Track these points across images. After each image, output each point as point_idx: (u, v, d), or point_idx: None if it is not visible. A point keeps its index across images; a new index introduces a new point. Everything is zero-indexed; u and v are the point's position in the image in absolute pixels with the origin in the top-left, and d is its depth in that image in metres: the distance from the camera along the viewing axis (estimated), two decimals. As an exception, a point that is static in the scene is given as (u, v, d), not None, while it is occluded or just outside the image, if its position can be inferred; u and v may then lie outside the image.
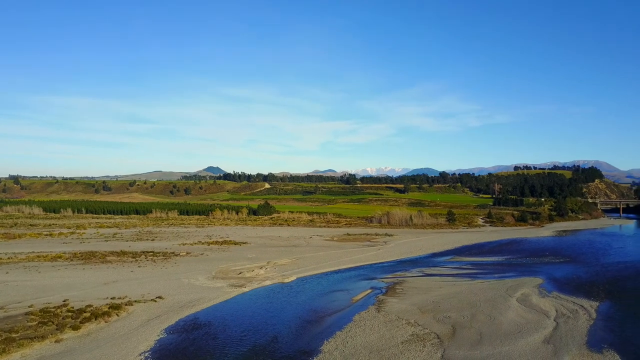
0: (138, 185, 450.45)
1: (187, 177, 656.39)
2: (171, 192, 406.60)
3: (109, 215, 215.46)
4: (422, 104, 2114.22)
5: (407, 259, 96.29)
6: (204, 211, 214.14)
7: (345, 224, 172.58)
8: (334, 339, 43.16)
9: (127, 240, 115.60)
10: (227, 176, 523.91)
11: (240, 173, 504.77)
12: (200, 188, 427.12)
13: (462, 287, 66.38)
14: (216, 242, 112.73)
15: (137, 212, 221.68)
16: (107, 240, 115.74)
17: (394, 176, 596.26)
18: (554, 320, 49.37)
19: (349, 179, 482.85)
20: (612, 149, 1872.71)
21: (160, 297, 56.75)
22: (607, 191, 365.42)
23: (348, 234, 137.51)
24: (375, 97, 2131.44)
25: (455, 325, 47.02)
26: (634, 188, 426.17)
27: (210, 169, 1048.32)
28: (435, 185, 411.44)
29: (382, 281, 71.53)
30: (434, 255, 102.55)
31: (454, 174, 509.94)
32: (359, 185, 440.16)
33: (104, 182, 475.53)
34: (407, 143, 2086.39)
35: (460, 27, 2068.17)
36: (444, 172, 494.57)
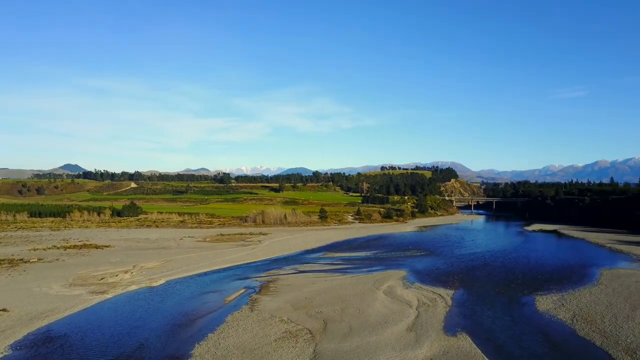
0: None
1: (40, 175, 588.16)
2: (20, 192, 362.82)
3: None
4: (297, 104, 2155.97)
5: (282, 256, 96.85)
6: (60, 213, 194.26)
7: (219, 224, 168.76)
8: (205, 341, 41.62)
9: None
10: (87, 175, 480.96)
11: (102, 171, 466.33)
12: (56, 187, 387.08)
13: (334, 282, 68.41)
14: (75, 246, 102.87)
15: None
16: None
17: (270, 175, 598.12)
18: (416, 309, 52.97)
19: (223, 178, 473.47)
20: (465, 152, 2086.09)
21: (4, 310, 49.96)
22: (461, 190, 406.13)
23: (221, 234, 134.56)
24: (251, 95, 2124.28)
25: (327, 319, 48.14)
26: (482, 187, 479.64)
27: (67, 166, 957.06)
28: (308, 184, 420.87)
29: (256, 280, 70.96)
30: (307, 252, 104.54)
31: (326, 173, 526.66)
32: (233, 184, 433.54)
33: None
34: (283, 143, 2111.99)
35: (332, 30, 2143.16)
36: (317, 171, 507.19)
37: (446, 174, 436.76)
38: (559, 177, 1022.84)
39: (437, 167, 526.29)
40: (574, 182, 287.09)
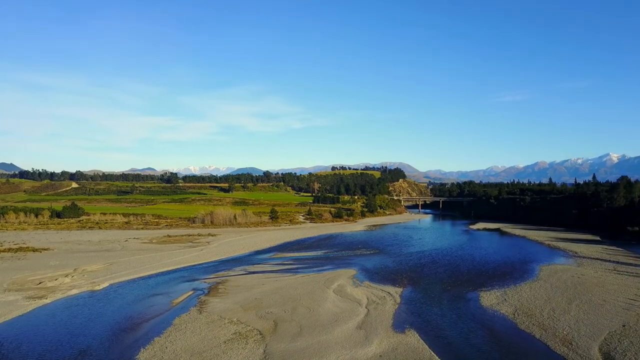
0: None
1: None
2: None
3: None
4: (247, 103, 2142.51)
5: (231, 257, 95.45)
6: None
7: (166, 225, 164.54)
8: (151, 345, 40.26)
9: None
10: (24, 174, 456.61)
11: (41, 171, 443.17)
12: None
13: (284, 282, 68.06)
14: (9, 250, 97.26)
15: None
16: None
17: (219, 175, 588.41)
18: (366, 307, 53.48)
19: (170, 178, 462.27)
20: (413, 153, 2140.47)
21: None
22: (409, 189, 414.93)
23: (169, 236, 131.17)
24: (200, 93, 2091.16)
25: (277, 320, 47.77)
26: (430, 187, 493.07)
27: (2, 165, 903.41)
28: (259, 184, 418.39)
29: (205, 282, 69.55)
30: (258, 252, 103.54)
31: (277, 173, 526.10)
32: (181, 184, 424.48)
33: None
34: (232, 142, 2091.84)
35: (283, 28, 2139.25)
36: (267, 171, 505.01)
37: (395, 174, 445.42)
38: (501, 177, 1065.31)
39: (386, 167, 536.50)
40: (515, 182, 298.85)
